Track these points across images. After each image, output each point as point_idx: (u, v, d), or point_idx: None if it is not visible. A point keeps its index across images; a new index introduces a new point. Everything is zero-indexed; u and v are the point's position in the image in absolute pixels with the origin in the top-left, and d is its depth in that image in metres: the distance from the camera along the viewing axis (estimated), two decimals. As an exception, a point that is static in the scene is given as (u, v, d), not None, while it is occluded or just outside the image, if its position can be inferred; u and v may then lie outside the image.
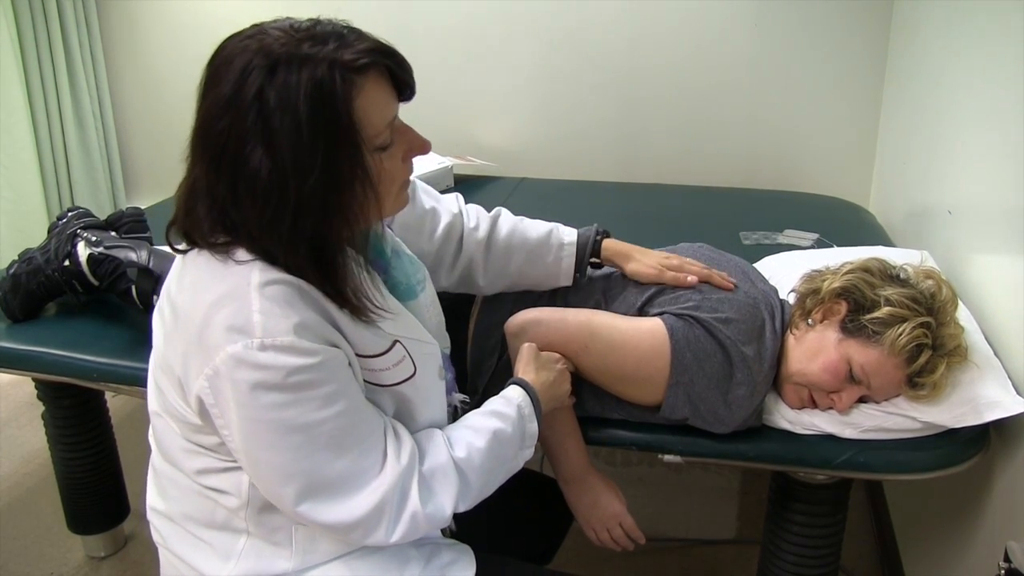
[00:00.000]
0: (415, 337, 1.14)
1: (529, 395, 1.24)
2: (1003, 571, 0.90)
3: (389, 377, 1.09)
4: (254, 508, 1.10)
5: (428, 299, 1.27)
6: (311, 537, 1.12)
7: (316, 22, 0.97)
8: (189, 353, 1.00)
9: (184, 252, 1.06)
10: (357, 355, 1.05)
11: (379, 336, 1.07)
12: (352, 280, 1.03)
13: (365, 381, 1.08)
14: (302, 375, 0.97)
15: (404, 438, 1.08)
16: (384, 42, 0.99)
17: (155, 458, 1.22)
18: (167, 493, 1.18)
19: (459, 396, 1.36)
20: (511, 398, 1.22)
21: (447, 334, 1.35)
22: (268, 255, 0.99)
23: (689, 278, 1.44)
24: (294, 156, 0.92)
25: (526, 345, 1.35)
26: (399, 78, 1.01)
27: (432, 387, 1.18)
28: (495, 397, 1.24)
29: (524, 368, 1.31)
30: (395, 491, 1.03)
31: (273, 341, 0.95)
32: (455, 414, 1.32)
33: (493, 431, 1.15)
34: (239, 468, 1.07)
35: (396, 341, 1.10)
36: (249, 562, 1.12)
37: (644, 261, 1.48)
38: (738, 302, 1.41)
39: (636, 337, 1.38)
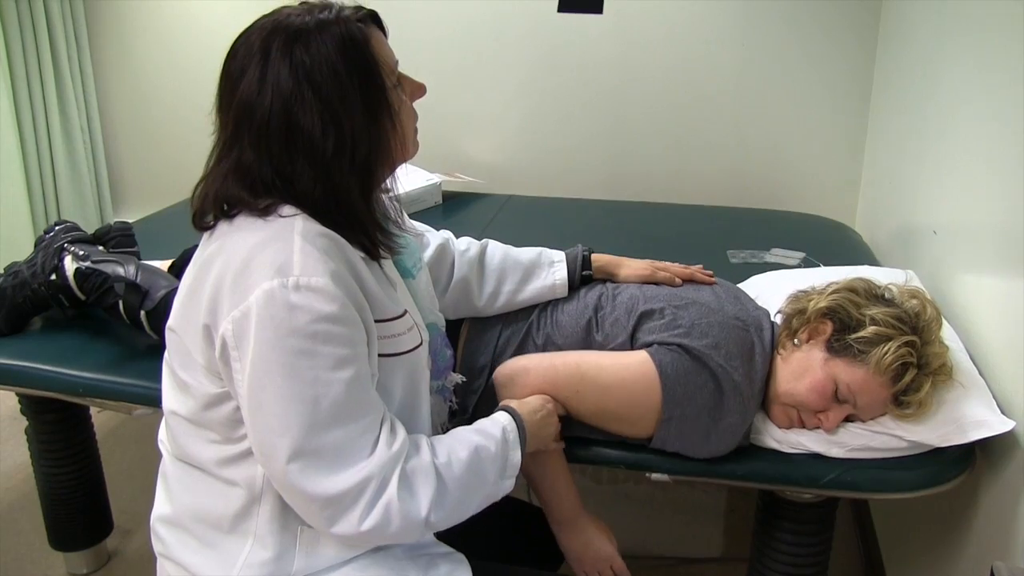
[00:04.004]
0: (415, 315, 1.21)
1: (515, 422, 1.24)
2: (989, 590, 0.90)
3: (403, 343, 1.15)
4: (268, 504, 1.11)
5: (423, 281, 1.35)
6: (315, 539, 1.13)
7: (306, 2, 1.12)
8: (221, 296, 1.03)
9: (212, 227, 1.12)
10: (376, 320, 1.10)
11: (394, 301, 1.15)
12: (383, 209, 1.19)
13: (381, 355, 1.11)
14: (326, 324, 1.01)
15: (399, 431, 1.09)
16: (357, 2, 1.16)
17: (165, 462, 1.23)
18: (176, 495, 1.20)
19: (457, 376, 1.41)
20: (497, 420, 1.24)
21: (440, 314, 1.40)
22: (326, 203, 1.08)
23: (676, 280, 1.55)
24: (340, 97, 1.05)
25: None
26: (384, 28, 1.17)
27: (426, 372, 1.23)
28: (483, 419, 1.24)
29: (514, 403, 1.32)
30: (379, 476, 1.04)
31: (308, 281, 1.01)
32: (453, 394, 1.41)
33: (476, 446, 1.16)
34: (249, 456, 1.09)
35: (406, 310, 1.16)
36: (252, 570, 1.13)
37: (633, 265, 1.59)
38: (728, 325, 1.41)
39: (627, 378, 1.38)
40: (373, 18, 1.14)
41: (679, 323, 1.41)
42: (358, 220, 1.10)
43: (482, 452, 1.16)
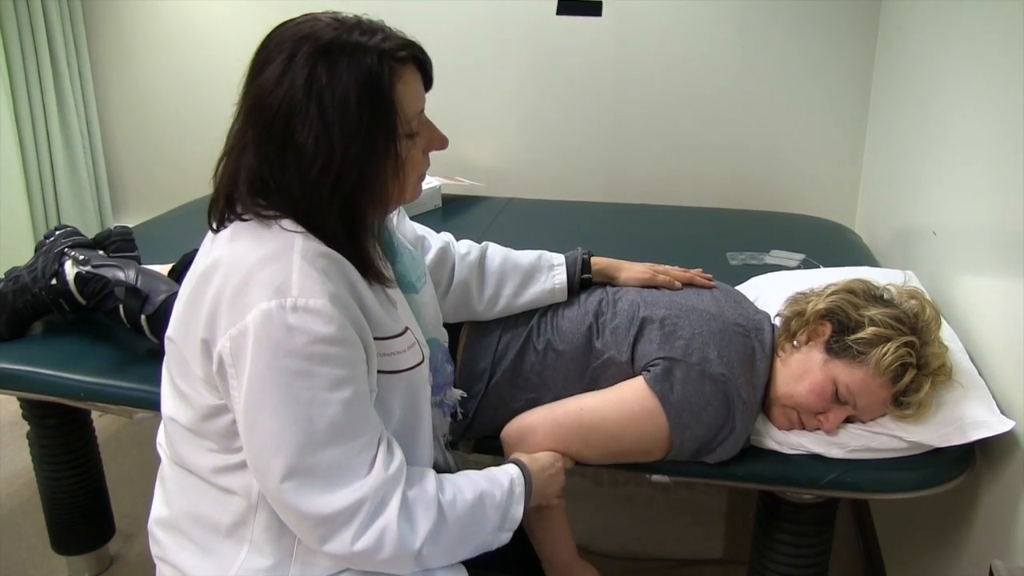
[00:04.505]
0: (417, 332, 1.20)
1: (524, 476, 1.24)
2: (988, 589, 0.91)
3: (404, 361, 1.14)
4: (264, 512, 1.11)
5: (427, 295, 1.33)
6: (311, 550, 1.12)
7: (359, 17, 1.09)
8: (219, 311, 1.03)
9: (217, 231, 1.11)
10: (376, 338, 1.09)
11: (394, 319, 1.14)
12: (371, 251, 1.12)
13: (381, 372, 1.11)
14: (323, 346, 1.00)
15: (396, 452, 1.09)
16: (414, 38, 1.11)
17: (164, 467, 1.23)
18: (174, 499, 1.19)
19: (457, 392, 1.40)
20: (507, 470, 1.23)
21: (444, 330, 1.39)
22: (309, 222, 1.06)
23: (676, 284, 1.54)
24: (341, 127, 1.02)
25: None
26: (426, 71, 1.13)
27: (427, 388, 1.21)
28: (493, 467, 1.24)
29: (525, 457, 1.32)
30: (376, 497, 1.04)
31: (306, 302, 1.00)
32: (455, 409, 1.42)
33: (482, 491, 1.16)
34: (245, 466, 1.08)
35: (407, 327, 1.16)
36: None
37: (633, 269, 1.57)
38: (728, 332, 1.41)
39: (632, 419, 1.37)
40: (416, 58, 1.10)
41: (679, 334, 1.40)
42: (339, 246, 1.08)
43: (487, 499, 1.16)
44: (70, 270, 1.73)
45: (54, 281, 1.73)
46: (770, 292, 1.75)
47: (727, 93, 2.95)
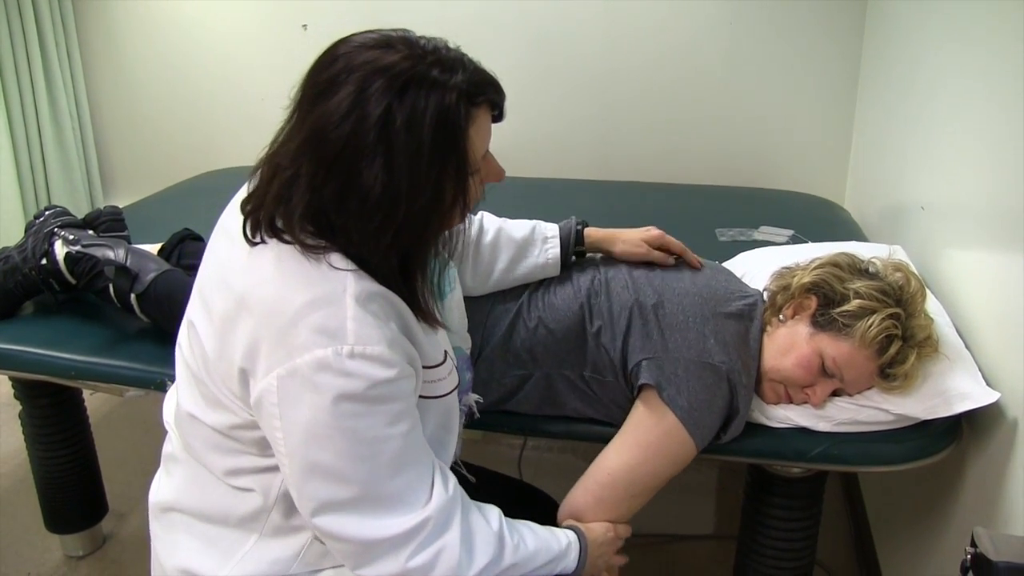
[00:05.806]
0: (450, 352, 1.18)
1: (580, 544, 1.23)
2: (969, 556, 0.92)
3: (444, 387, 1.13)
4: (279, 511, 1.10)
5: (454, 300, 1.31)
6: (321, 553, 1.12)
7: (437, 46, 1.00)
8: (261, 347, 0.98)
9: (254, 244, 1.03)
10: (424, 366, 1.07)
11: (435, 346, 1.11)
12: (425, 292, 1.07)
13: (421, 396, 1.09)
14: (382, 388, 0.98)
15: (449, 473, 1.09)
16: (492, 73, 1.04)
17: (175, 450, 1.21)
18: (183, 484, 1.18)
19: (474, 396, 1.39)
20: (566, 533, 1.23)
21: (468, 335, 1.38)
22: (361, 261, 1.01)
23: (669, 260, 1.51)
24: (410, 177, 0.95)
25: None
26: (499, 109, 1.07)
27: (457, 408, 1.21)
28: (552, 527, 1.24)
29: (582, 526, 1.31)
30: (440, 516, 1.03)
31: (364, 349, 0.96)
32: (470, 414, 1.40)
33: (540, 546, 1.16)
34: (272, 470, 1.07)
35: (446, 351, 1.14)
36: (250, 565, 1.12)
37: (630, 241, 1.52)
38: (720, 315, 1.41)
39: (660, 453, 1.36)
40: (496, 91, 1.03)
41: (673, 324, 1.39)
42: (392, 286, 1.03)
43: (542, 554, 1.16)
44: (60, 250, 1.72)
45: (44, 261, 1.73)
46: (758, 268, 1.74)
47: (716, 70, 2.94)
